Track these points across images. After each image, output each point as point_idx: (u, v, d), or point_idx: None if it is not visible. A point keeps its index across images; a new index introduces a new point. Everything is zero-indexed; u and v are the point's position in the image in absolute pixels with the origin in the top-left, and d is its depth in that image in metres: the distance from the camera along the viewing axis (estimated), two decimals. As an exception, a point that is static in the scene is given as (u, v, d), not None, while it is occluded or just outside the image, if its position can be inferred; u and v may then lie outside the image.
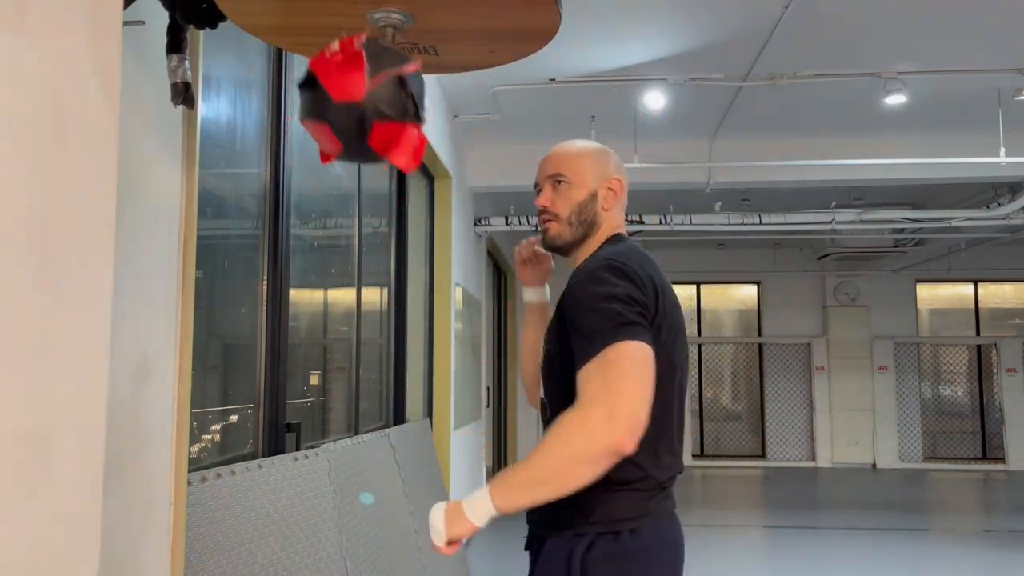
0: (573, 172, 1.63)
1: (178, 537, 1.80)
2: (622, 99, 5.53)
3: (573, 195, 1.62)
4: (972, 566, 5.74)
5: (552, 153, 1.67)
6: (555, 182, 1.63)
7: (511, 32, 1.50)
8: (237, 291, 2.70)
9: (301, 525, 2.53)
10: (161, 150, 1.76)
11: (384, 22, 1.40)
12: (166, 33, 1.56)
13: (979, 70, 4.97)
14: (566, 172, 1.63)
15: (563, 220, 1.62)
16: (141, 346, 1.68)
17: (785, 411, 11.56)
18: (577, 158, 1.64)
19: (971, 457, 11.38)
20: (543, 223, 1.65)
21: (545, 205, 1.64)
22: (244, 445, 2.68)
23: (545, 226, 1.65)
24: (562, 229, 1.62)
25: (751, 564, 5.78)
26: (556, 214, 1.63)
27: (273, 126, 2.83)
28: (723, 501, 8.40)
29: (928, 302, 11.73)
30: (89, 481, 1.04)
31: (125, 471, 1.62)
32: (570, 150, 1.66)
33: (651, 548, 1.46)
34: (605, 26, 4.38)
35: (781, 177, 6.46)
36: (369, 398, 4.17)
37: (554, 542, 1.49)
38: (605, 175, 1.65)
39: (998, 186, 7.06)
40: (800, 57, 4.80)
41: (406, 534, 3.58)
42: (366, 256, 4.05)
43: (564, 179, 1.62)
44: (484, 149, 6.69)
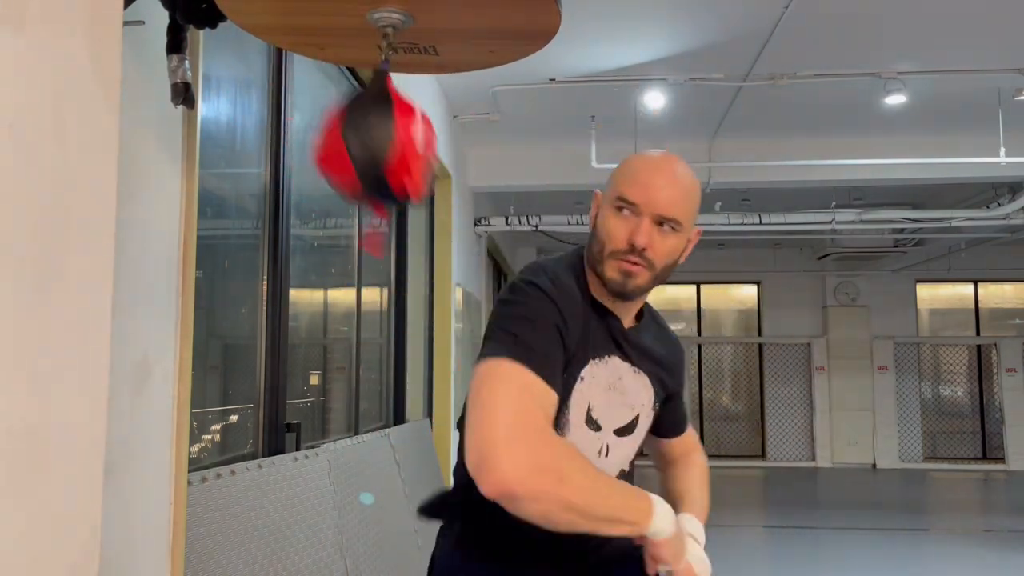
0: (686, 219, 1.32)
1: (178, 537, 1.80)
2: (622, 99, 5.53)
3: (674, 245, 1.33)
4: (972, 566, 5.74)
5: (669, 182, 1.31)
6: (660, 222, 1.30)
7: (511, 32, 1.50)
8: (237, 291, 2.70)
9: (301, 525, 2.53)
10: (161, 150, 1.76)
11: (384, 22, 1.40)
12: (166, 33, 1.56)
13: (979, 70, 4.97)
14: (682, 220, 1.31)
15: (656, 273, 1.33)
16: (141, 346, 1.68)
17: (785, 411, 11.56)
18: (692, 200, 1.34)
19: (971, 457, 11.38)
20: (630, 265, 1.31)
21: (646, 248, 1.30)
22: (244, 445, 2.68)
23: (633, 270, 1.31)
24: (649, 282, 1.34)
25: (751, 564, 5.78)
26: (652, 263, 1.31)
27: (273, 126, 2.83)
28: (723, 501, 8.40)
29: (928, 302, 11.73)
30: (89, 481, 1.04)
31: (125, 471, 1.62)
32: (688, 187, 1.33)
33: None
34: (605, 26, 4.38)
35: (781, 177, 6.46)
36: (369, 398, 4.17)
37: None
38: (695, 221, 1.37)
39: (998, 186, 7.06)
40: (800, 57, 4.80)
41: (406, 534, 3.59)
42: (366, 256, 4.05)
43: (677, 227, 1.32)
44: (484, 149, 6.69)
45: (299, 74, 3.06)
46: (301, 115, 3.10)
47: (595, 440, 1.36)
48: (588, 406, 1.34)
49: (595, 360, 1.34)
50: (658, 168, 1.33)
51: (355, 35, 1.49)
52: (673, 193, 1.30)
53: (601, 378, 1.35)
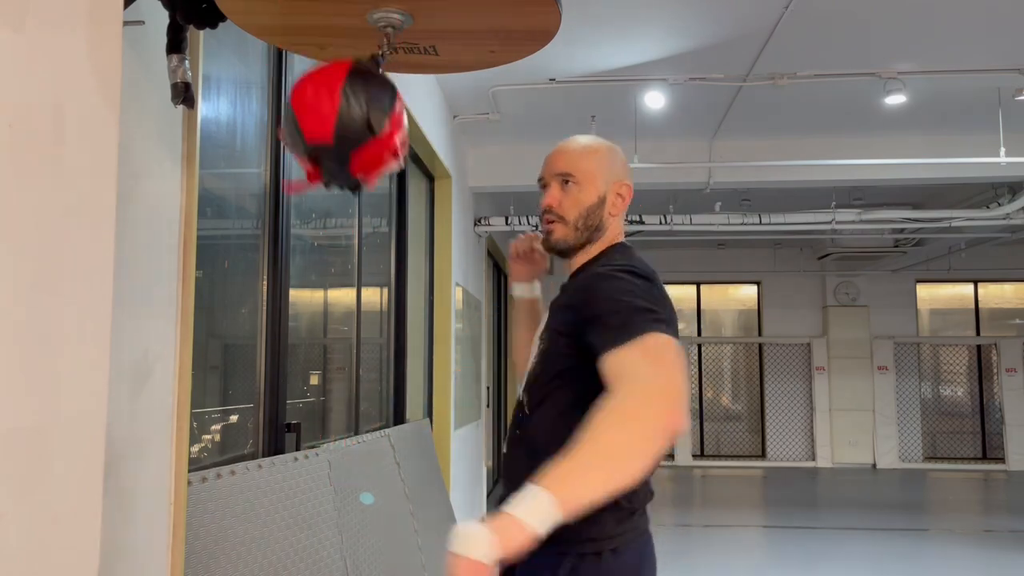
0: (583, 173, 1.54)
1: (178, 537, 1.80)
2: (622, 99, 5.53)
3: (582, 198, 1.54)
4: (972, 566, 5.74)
5: (561, 149, 1.58)
6: (563, 181, 1.55)
7: (511, 32, 1.50)
8: (237, 291, 2.70)
9: (301, 525, 2.53)
10: (161, 150, 1.76)
11: (384, 22, 1.40)
12: (166, 33, 1.56)
13: (979, 70, 4.97)
14: (576, 172, 1.54)
15: (569, 223, 1.54)
16: (141, 346, 1.67)
17: (785, 411, 11.56)
18: (589, 157, 1.55)
19: (971, 457, 11.38)
20: (547, 223, 1.57)
21: (551, 205, 1.55)
22: (244, 445, 2.68)
23: (549, 227, 1.57)
24: (567, 232, 1.55)
25: (751, 564, 5.78)
26: (562, 216, 1.55)
27: (273, 126, 2.83)
28: (723, 501, 8.40)
29: (928, 302, 11.73)
30: (89, 481, 1.04)
31: (125, 471, 1.62)
32: (581, 148, 1.57)
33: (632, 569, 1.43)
34: (605, 26, 4.38)
35: (781, 177, 6.46)
36: (369, 398, 4.17)
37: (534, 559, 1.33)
38: (615, 178, 1.57)
39: (998, 186, 7.06)
40: (800, 57, 4.80)
41: (406, 534, 3.59)
42: (366, 256, 4.05)
43: (573, 179, 1.54)
44: (484, 149, 6.69)
45: (299, 74, 3.05)
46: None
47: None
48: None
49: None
50: (557, 145, 1.61)
51: (355, 35, 1.49)
52: (565, 155, 1.57)
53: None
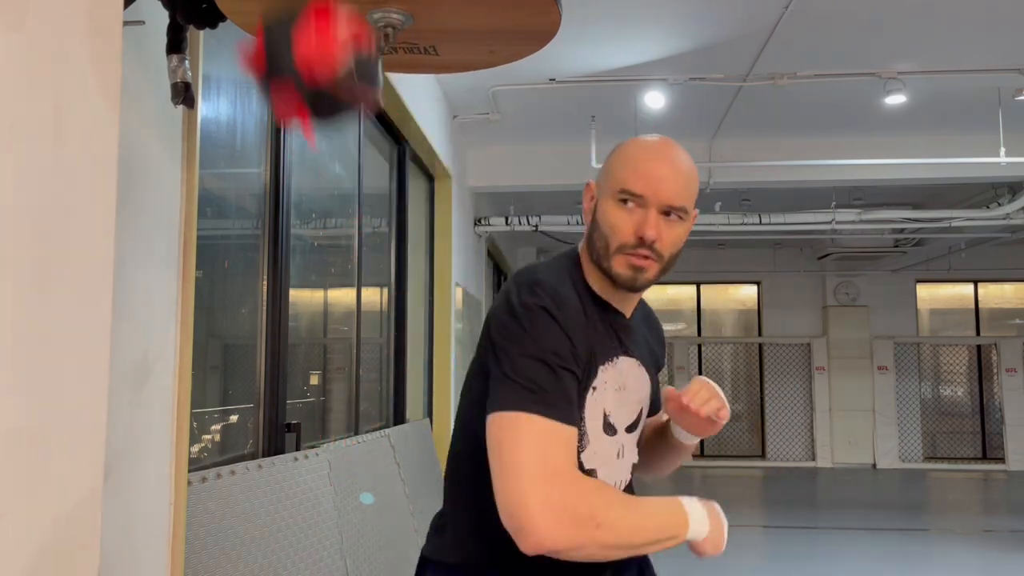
0: (691, 205, 1.28)
1: (178, 537, 1.80)
2: (622, 99, 5.53)
3: (681, 234, 1.28)
4: (972, 566, 5.74)
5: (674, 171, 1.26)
6: (667, 212, 1.25)
7: (511, 32, 1.50)
8: (237, 291, 2.70)
9: (301, 525, 2.53)
10: (161, 150, 1.76)
11: (384, 22, 1.40)
12: (166, 33, 1.56)
13: (979, 70, 4.97)
14: (688, 206, 1.27)
15: (664, 264, 1.28)
16: (141, 346, 1.67)
17: (785, 411, 11.56)
18: (694, 185, 1.29)
19: (971, 457, 11.38)
20: (640, 259, 1.25)
21: (655, 241, 1.24)
22: (244, 445, 2.68)
23: (643, 264, 1.26)
24: (657, 275, 1.29)
25: (751, 564, 5.78)
26: (661, 255, 1.26)
27: (273, 126, 2.83)
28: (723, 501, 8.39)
29: (928, 302, 11.73)
30: (89, 481, 1.04)
31: (125, 471, 1.62)
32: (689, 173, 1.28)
33: None
34: (605, 26, 4.38)
35: (781, 177, 6.47)
36: (369, 398, 4.17)
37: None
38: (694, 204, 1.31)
39: (998, 186, 7.06)
40: (800, 57, 4.80)
41: (406, 534, 3.59)
42: (366, 256, 4.05)
43: (684, 216, 1.27)
44: (484, 149, 6.69)
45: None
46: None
47: (612, 444, 1.33)
48: (604, 412, 1.31)
49: (604, 366, 1.29)
50: (659, 156, 1.27)
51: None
52: (678, 181, 1.25)
53: (611, 382, 1.31)
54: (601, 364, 1.28)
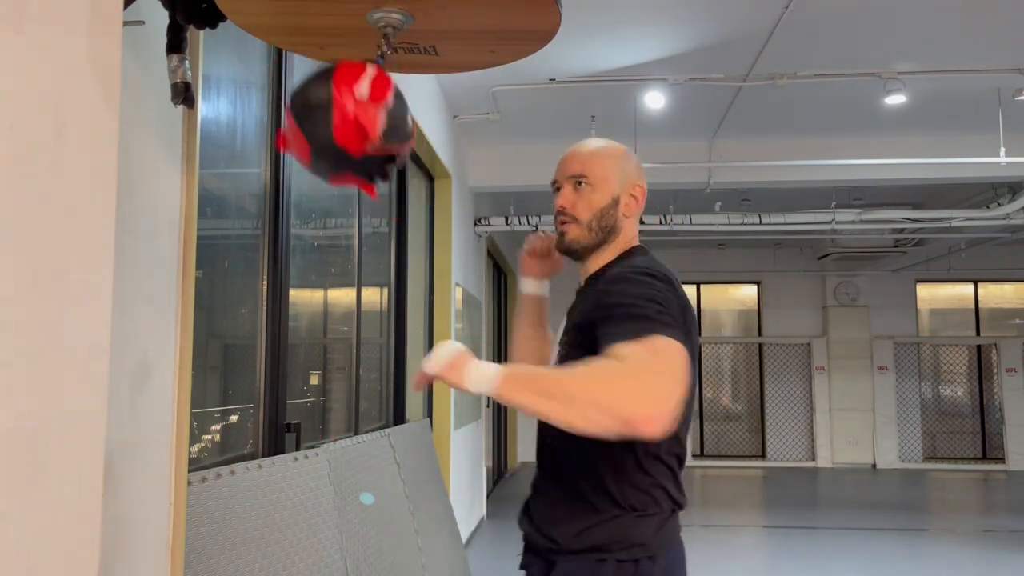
0: (597, 174, 1.56)
1: (178, 537, 1.80)
2: (622, 99, 5.53)
3: (595, 199, 1.55)
4: (972, 566, 5.74)
5: (574, 151, 1.60)
6: (576, 183, 1.56)
7: (511, 32, 1.50)
8: (237, 291, 2.70)
9: (301, 525, 2.53)
10: (161, 150, 1.76)
11: (384, 22, 1.40)
12: (166, 33, 1.56)
13: (979, 70, 4.97)
14: (589, 173, 1.56)
15: (583, 224, 1.55)
16: (141, 346, 1.67)
17: (785, 411, 11.56)
18: (602, 159, 1.57)
19: (971, 457, 11.38)
20: (560, 225, 1.58)
21: (565, 207, 1.57)
22: (244, 445, 2.68)
23: (563, 228, 1.58)
24: (581, 233, 1.56)
25: (751, 564, 5.78)
26: (576, 217, 1.56)
27: (273, 126, 2.83)
28: (723, 501, 8.40)
29: (928, 302, 11.73)
30: (89, 481, 1.04)
31: (125, 471, 1.62)
32: (594, 150, 1.59)
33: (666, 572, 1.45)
34: (605, 26, 4.38)
35: (781, 177, 6.47)
36: (369, 398, 4.17)
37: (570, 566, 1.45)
38: (629, 180, 1.58)
39: (998, 186, 7.06)
40: (800, 57, 4.80)
41: (406, 534, 3.58)
42: (366, 256, 4.05)
43: (587, 181, 1.56)
44: (484, 149, 6.69)
45: (299, 74, 3.06)
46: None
47: None
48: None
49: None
50: (570, 147, 1.64)
51: (355, 35, 1.49)
52: (576, 157, 1.60)
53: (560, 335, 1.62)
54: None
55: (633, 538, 1.43)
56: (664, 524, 1.46)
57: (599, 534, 1.43)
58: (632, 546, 1.43)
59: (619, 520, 1.43)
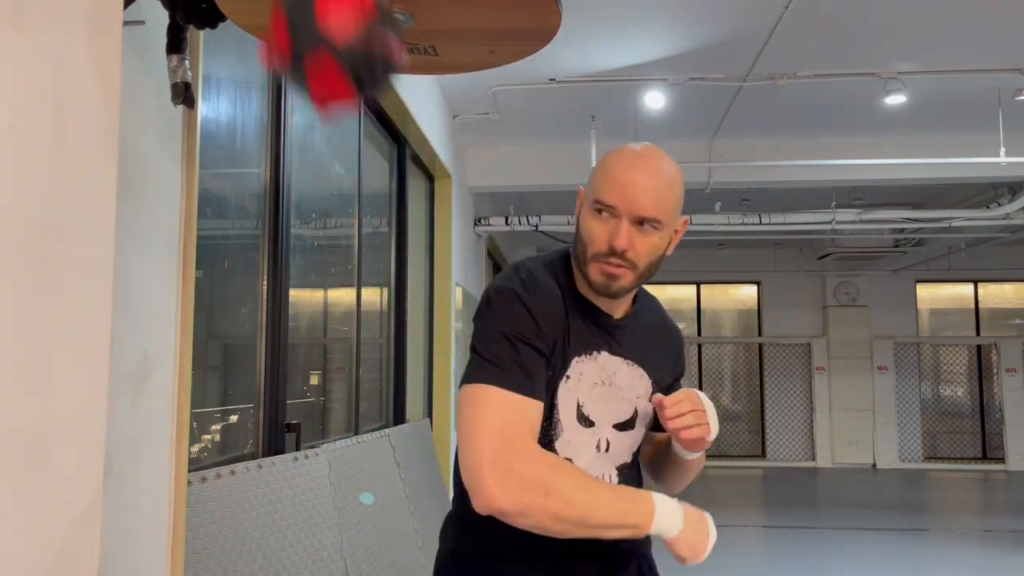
0: (667, 217, 1.30)
1: (178, 537, 1.80)
2: (622, 99, 5.53)
3: (659, 244, 1.31)
4: (972, 566, 5.74)
5: (647, 182, 1.28)
6: (641, 223, 1.28)
7: (511, 32, 1.50)
8: (237, 291, 2.70)
9: (301, 525, 2.53)
10: (161, 150, 1.76)
11: (384, 22, 1.39)
12: (166, 33, 1.56)
13: (979, 70, 4.97)
14: (662, 218, 1.29)
15: (639, 272, 1.32)
16: (141, 346, 1.67)
17: (785, 411, 11.56)
18: (672, 195, 1.31)
19: (971, 457, 11.38)
20: (613, 268, 1.30)
21: (626, 251, 1.28)
22: (244, 445, 2.68)
23: (615, 272, 1.30)
24: (633, 281, 1.33)
25: (751, 564, 5.78)
26: (635, 264, 1.30)
27: (273, 126, 2.83)
28: (723, 501, 8.40)
29: (928, 302, 11.73)
30: (89, 481, 1.04)
31: (125, 471, 1.62)
32: (668, 184, 1.30)
33: None
34: (605, 26, 4.38)
35: (781, 177, 6.46)
36: (369, 398, 4.17)
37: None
38: (679, 213, 1.35)
39: (998, 186, 7.06)
40: (800, 57, 4.80)
41: (406, 534, 3.59)
42: (366, 256, 4.05)
43: (657, 226, 1.30)
44: (484, 149, 6.69)
45: (299, 74, 3.05)
46: (301, 115, 3.10)
47: (590, 436, 1.37)
48: (578, 403, 1.35)
49: (579, 358, 1.35)
50: (633, 167, 1.30)
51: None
52: (649, 192, 1.28)
53: (588, 375, 1.35)
54: (576, 356, 1.35)
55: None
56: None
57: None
58: None
59: None
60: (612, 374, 1.38)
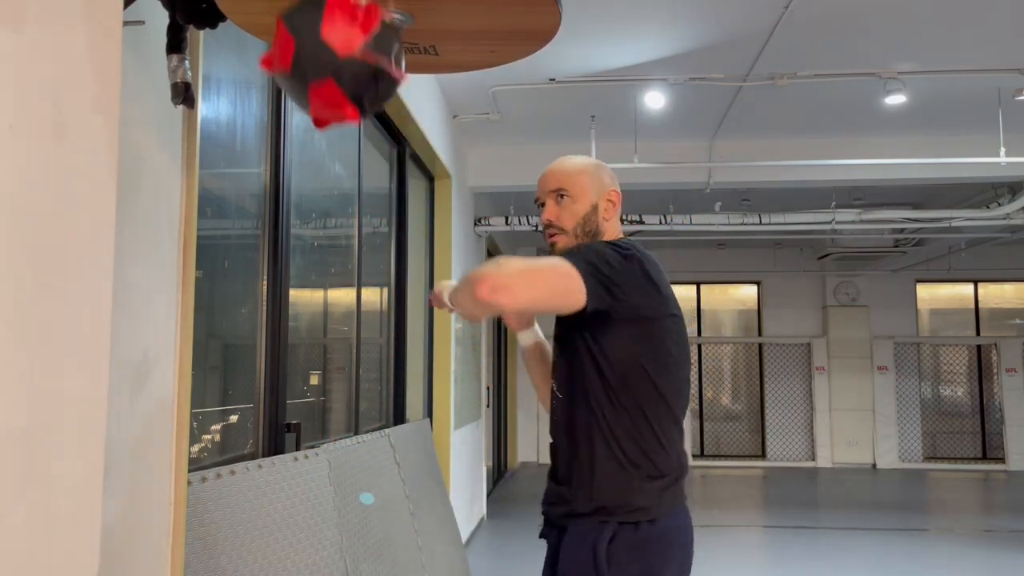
0: (574, 186, 1.75)
1: (178, 537, 1.80)
2: (622, 99, 5.52)
3: (576, 208, 1.74)
4: (972, 566, 5.74)
5: (551, 169, 1.79)
6: (558, 196, 1.75)
7: (511, 32, 1.50)
8: (237, 291, 2.70)
9: (301, 525, 2.53)
10: (161, 150, 1.76)
11: (384, 22, 1.39)
12: (166, 33, 1.56)
13: (979, 70, 4.97)
14: (568, 187, 1.75)
15: (569, 232, 1.74)
16: (141, 346, 1.67)
17: (785, 411, 11.55)
18: (576, 173, 1.76)
19: (971, 457, 11.38)
20: (550, 237, 1.76)
21: (551, 219, 1.75)
22: (244, 445, 2.68)
23: (552, 239, 1.76)
24: (568, 240, 1.73)
25: (751, 564, 5.78)
26: (562, 227, 1.74)
27: (273, 126, 2.83)
28: (723, 501, 8.40)
29: (928, 302, 11.73)
30: (89, 481, 1.04)
31: (125, 471, 1.62)
32: (568, 166, 1.78)
33: (663, 538, 1.56)
34: (605, 26, 4.38)
35: (781, 177, 6.46)
36: (369, 398, 4.17)
37: (576, 529, 1.58)
38: (603, 188, 1.77)
39: (998, 186, 7.06)
40: (800, 57, 4.80)
41: (406, 534, 3.58)
42: (366, 256, 4.05)
43: (566, 193, 1.74)
44: (484, 149, 6.69)
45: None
46: (301, 115, 3.10)
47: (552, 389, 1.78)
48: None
49: None
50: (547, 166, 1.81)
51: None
52: (553, 174, 1.78)
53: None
54: None
55: (636, 502, 1.54)
56: (662, 491, 1.57)
57: (606, 496, 1.55)
58: (631, 510, 1.54)
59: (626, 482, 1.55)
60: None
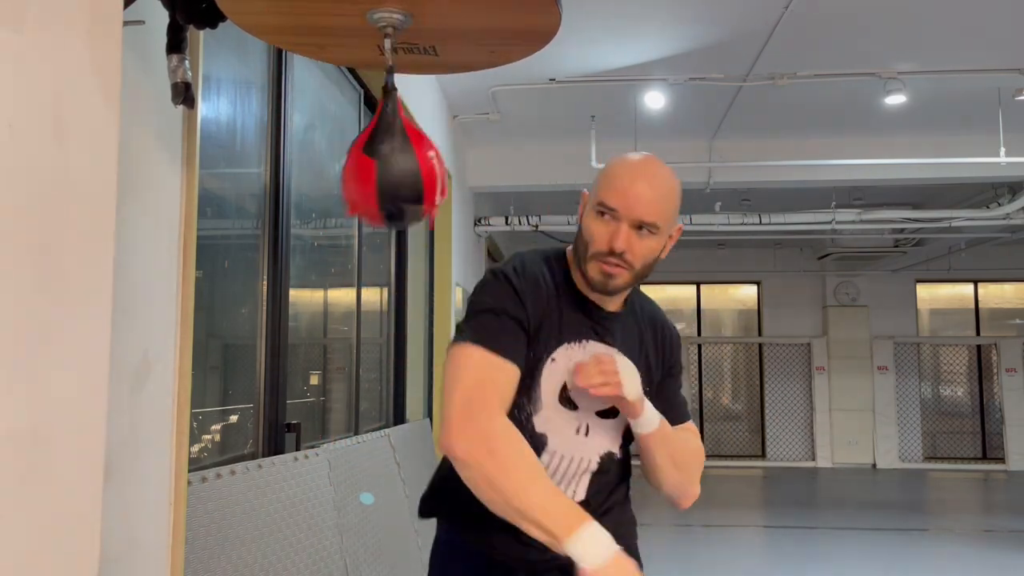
0: (664, 221, 1.39)
1: (178, 537, 1.80)
2: (622, 99, 5.52)
3: (654, 247, 1.41)
4: (972, 566, 5.74)
5: (648, 190, 1.38)
6: (641, 227, 1.38)
7: (511, 32, 1.50)
8: (237, 291, 2.70)
9: (301, 525, 2.53)
10: (161, 150, 1.76)
11: (384, 22, 1.40)
12: (166, 33, 1.56)
13: (979, 70, 4.97)
14: (659, 222, 1.38)
15: (635, 272, 1.41)
16: (141, 346, 1.67)
17: (785, 411, 11.55)
18: (670, 202, 1.41)
19: (971, 457, 11.38)
20: (611, 267, 1.39)
21: (624, 252, 1.37)
22: (244, 445, 2.68)
23: (612, 271, 1.39)
24: (629, 281, 1.42)
25: (751, 564, 5.78)
26: (631, 264, 1.39)
27: (273, 126, 2.83)
28: (723, 501, 8.40)
29: (928, 302, 11.73)
30: (89, 481, 1.04)
31: (125, 471, 1.62)
32: (666, 192, 1.41)
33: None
34: (605, 26, 4.38)
35: (781, 177, 6.46)
36: (369, 398, 4.17)
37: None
38: (675, 220, 1.45)
39: (998, 186, 7.06)
40: (800, 57, 4.80)
41: (406, 534, 3.59)
42: (366, 256, 4.05)
43: (654, 230, 1.39)
44: (484, 149, 6.69)
45: (299, 74, 3.06)
46: (301, 115, 3.10)
47: (572, 419, 1.46)
48: (564, 386, 1.44)
49: (569, 343, 1.45)
50: (636, 174, 1.40)
51: (355, 35, 1.49)
52: (650, 199, 1.38)
53: (576, 360, 1.42)
54: (567, 342, 1.45)
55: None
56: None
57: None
58: None
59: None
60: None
